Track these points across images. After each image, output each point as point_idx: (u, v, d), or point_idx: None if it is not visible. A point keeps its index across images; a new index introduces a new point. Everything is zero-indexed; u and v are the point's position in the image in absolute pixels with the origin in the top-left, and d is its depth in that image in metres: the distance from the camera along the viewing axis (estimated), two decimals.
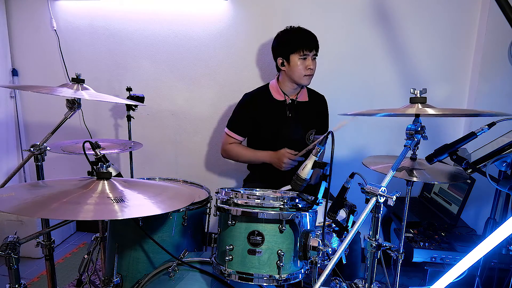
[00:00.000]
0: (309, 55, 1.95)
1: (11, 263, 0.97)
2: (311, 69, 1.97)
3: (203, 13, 2.54)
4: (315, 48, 1.97)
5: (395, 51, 2.40)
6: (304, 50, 1.93)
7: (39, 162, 1.49)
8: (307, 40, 1.96)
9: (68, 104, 1.52)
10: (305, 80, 2.00)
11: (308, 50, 1.94)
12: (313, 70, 1.99)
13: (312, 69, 1.97)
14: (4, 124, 2.81)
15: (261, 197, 1.14)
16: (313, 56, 1.97)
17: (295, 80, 2.02)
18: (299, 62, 1.95)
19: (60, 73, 2.75)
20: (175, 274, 1.30)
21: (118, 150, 1.80)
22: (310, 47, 1.94)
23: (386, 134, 2.49)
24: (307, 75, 1.98)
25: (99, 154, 1.15)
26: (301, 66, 1.95)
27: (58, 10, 2.68)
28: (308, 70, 1.96)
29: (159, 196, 1.12)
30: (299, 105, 2.11)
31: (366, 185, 1.06)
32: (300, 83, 2.02)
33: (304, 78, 1.99)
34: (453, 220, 2.11)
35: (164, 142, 2.77)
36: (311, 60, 1.96)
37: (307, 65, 1.95)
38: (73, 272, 2.40)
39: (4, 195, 0.98)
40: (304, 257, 1.13)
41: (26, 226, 2.50)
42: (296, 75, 1.99)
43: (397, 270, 1.57)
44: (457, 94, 2.40)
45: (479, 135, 1.24)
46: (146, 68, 2.68)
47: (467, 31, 2.31)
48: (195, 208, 1.56)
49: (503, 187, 1.17)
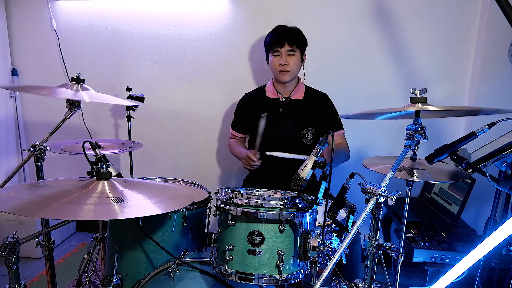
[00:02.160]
0: (280, 51, 1.97)
1: (11, 263, 0.97)
2: (283, 65, 1.98)
3: (203, 13, 2.54)
4: (288, 43, 1.97)
5: (395, 51, 2.40)
6: (275, 46, 1.98)
7: (39, 162, 1.49)
8: (278, 37, 1.99)
9: (68, 104, 1.52)
10: (281, 76, 2.02)
11: (278, 46, 1.97)
12: (289, 66, 1.99)
13: (285, 65, 1.98)
14: (4, 124, 2.81)
15: (261, 197, 1.14)
16: (288, 51, 1.98)
17: (275, 78, 2.09)
18: (274, 59, 2.01)
19: (60, 73, 2.75)
20: (175, 274, 1.30)
21: (118, 150, 1.80)
22: (279, 43, 1.97)
23: (386, 134, 2.49)
24: (281, 71, 2.00)
25: (99, 154, 1.15)
26: (275, 63, 2.00)
27: (58, 10, 2.68)
28: (281, 66, 1.99)
29: (159, 196, 1.12)
30: (292, 103, 2.11)
31: (366, 185, 1.06)
32: (279, 79, 2.06)
33: (280, 74, 2.02)
34: (453, 220, 2.11)
35: (164, 142, 2.77)
36: (286, 56, 1.98)
37: (280, 62, 1.98)
38: (73, 272, 2.40)
39: (4, 195, 0.98)
40: (304, 257, 1.13)
41: (26, 226, 2.50)
42: (274, 72, 2.06)
43: (397, 270, 1.57)
44: (457, 94, 2.40)
45: (479, 135, 1.24)
46: (146, 68, 2.68)
47: (467, 31, 2.31)
48: (195, 208, 1.56)
49: (503, 187, 1.17)
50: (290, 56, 1.99)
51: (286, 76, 2.02)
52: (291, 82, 2.08)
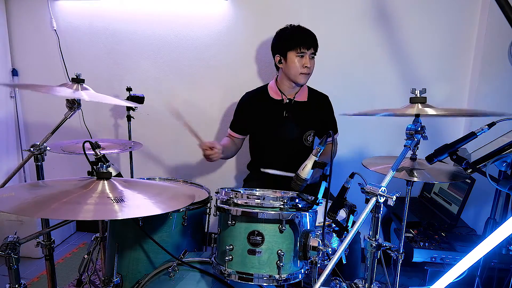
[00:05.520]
0: (306, 53, 1.92)
1: (11, 263, 0.97)
2: (308, 68, 1.94)
3: (203, 13, 2.53)
4: (313, 47, 1.94)
5: (395, 51, 2.39)
6: (301, 47, 1.91)
7: (39, 162, 1.49)
8: (305, 38, 1.94)
9: (68, 104, 1.52)
10: (301, 79, 1.97)
11: (305, 48, 1.92)
12: (310, 69, 1.96)
13: (309, 68, 1.95)
14: (4, 124, 2.81)
15: (261, 197, 1.14)
16: (311, 55, 1.95)
17: (291, 78, 1.99)
18: (296, 59, 1.93)
19: (60, 73, 2.75)
20: (175, 274, 1.30)
21: (118, 150, 1.80)
22: (307, 45, 1.92)
23: (386, 134, 2.49)
24: (303, 73, 1.95)
25: (99, 154, 1.15)
26: (298, 63, 1.93)
27: (58, 10, 2.68)
28: (304, 69, 1.93)
29: (159, 196, 1.12)
30: (296, 105, 2.08)
31: (366, 185, 1.06)
32: (296, 81, 1.99)
33: (300, 76, 1.96)
34: (453, 220, 2.11)
35: (164, 142, 2.77)
36: (309, 58, 1.94)
37: (304, 63, 1.93)
38: (73, 272, 2.40)
39: (4, 195, 0.98)
40: (304, 257, 1.13)
41: (26, 226, 2.50)
42: (292, 73, 1.96)
43: (397, 270, 1.57)
44: (457, 94, 2.40)
45: (479, 135, 1.24)
46: (146, 68, 2.68)
47: (467, 31, 2.31)
48: (195, 208, 1.56)
49: (503, 187, 1.17)
50: (311, 59, 1.96)
51: (306, 79, 1.99)
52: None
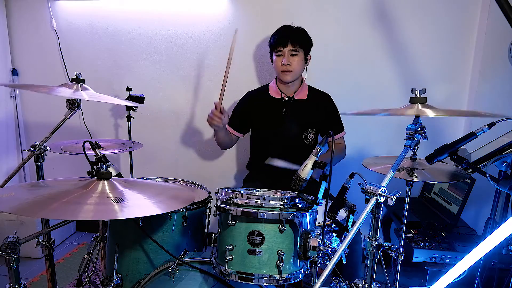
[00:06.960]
0: (283, 51, 1.98)
1: (11, 263, 0.97)
2: (285, 65, 1.98)
3: (203, 13, 2.54)
4: (291, 43, 1.97)
5: (395, 51, 2.40)
6: (278, 47, 1.99)
7: (39, 162, 1.49)
8: (280, 37, 1.99)
9: (68, 104, 1.52)
10: (283, 76, 2.02)
11: (281, 46, 1.98)
12: (291, 66, 1.98)
13: (287, 65, 1.98)
14: (4, 124, 2.81)
15: (261, 197, 1.14)
16: (291, 51, 1.98)
17: (278, 77, 2.10)
18: (277, 59, 2.02)
19: (60, 73, 2.75)
20: (175, 274, 1.30)
21: (118, 150, 1.79)
22: (282, 43, 1.97)
23: (386, 134, 2.49)
24: (284, 71, 2.00)
25: (99, 154, 1.15)
26: (278, 63, 2.01)
27: (58, 10, 2.68)
28: (283, 66, 1.99)
29: (159, 196, 1.12)
30: (296, 103, 2.11)
31: (366, 185, 1.06)
32: (281, 79, 2.07)
33: (282, 74, 2.02)
34: (453, 220, 2.11)
35: (164, 142, 2.77)
36: (288, 56, 1.97)
37: (282, 62, 1.98)
38: (73, 272, 2.40)
39: (4, 195, 0.98)
40: (304, 257, 1.13)
41: (26, 226, 2.50)
42: (277, 72, 2.06)
43: (397, 270, 1.57)
44: (457, 94, 2.40)
45: (479, 135, 1.24)
46: (146, 68, 2.68)
47: (467, 31, 2.31)
48: (195, 208, 1.56)
49: (503, 187, 1.17)
50: (293, 56, 1.98)
51: (289, 76, 2.01)
52: (294, 82, 2.08)
